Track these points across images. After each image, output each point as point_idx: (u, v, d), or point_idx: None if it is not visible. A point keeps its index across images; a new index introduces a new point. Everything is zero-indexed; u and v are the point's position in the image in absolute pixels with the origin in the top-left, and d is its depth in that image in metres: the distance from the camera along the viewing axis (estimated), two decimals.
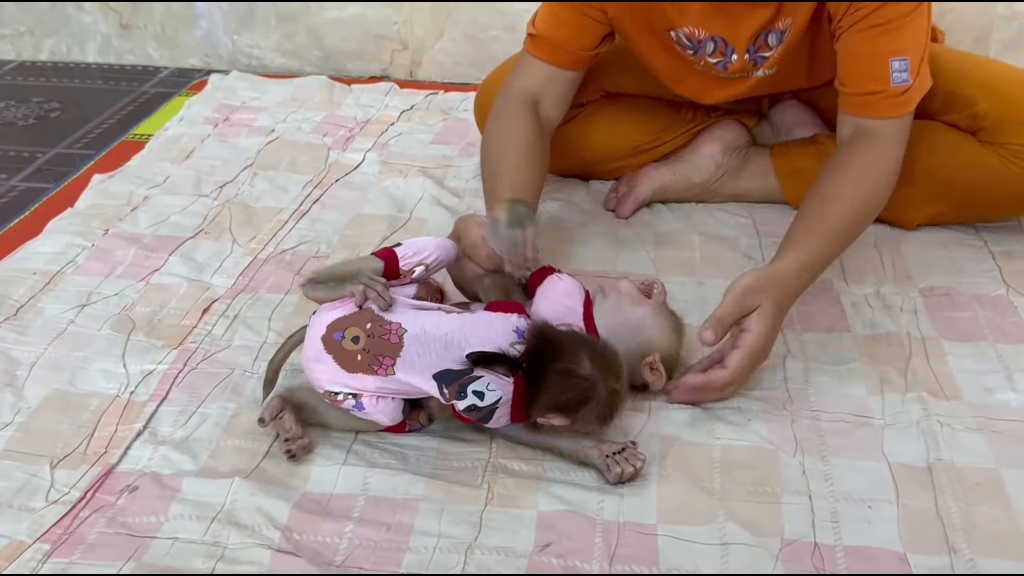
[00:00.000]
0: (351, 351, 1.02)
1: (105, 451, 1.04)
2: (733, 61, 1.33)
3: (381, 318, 1.04)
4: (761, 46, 1.31)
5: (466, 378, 0.99)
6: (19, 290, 1.31)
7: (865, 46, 1.22)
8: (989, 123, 1.33)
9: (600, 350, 1.01)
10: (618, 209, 1.52)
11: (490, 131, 1.37)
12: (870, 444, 1.04)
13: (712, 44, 1.31)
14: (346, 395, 1.03)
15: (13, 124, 1.92)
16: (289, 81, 2.03)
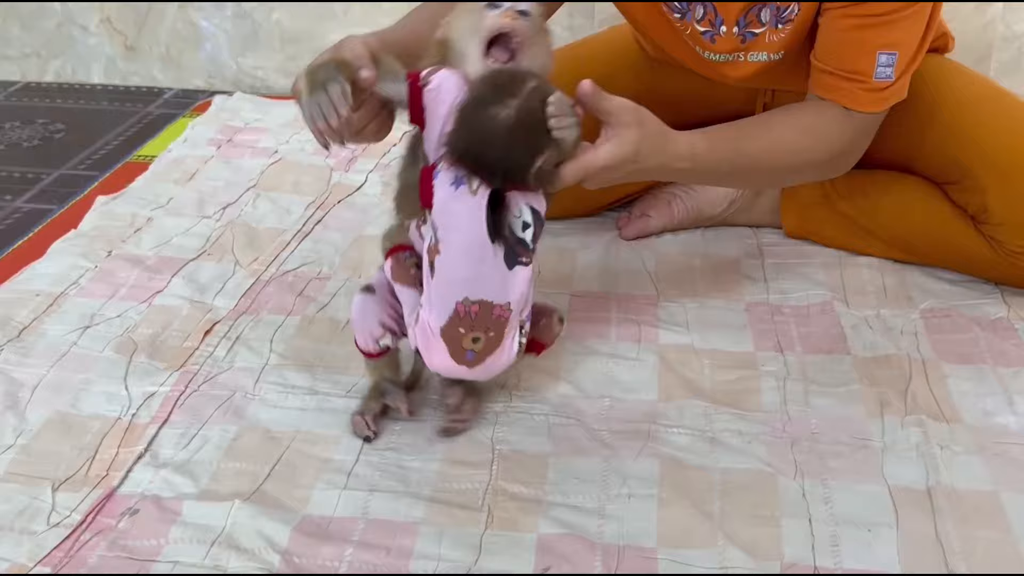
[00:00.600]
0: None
1: (107, 474, 1.04)
2: (722, 34, 1.24)
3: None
4: (752, 20, 1.22)
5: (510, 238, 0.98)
6: (22, 311, 1.31)
7: (855, 32, 1.16)
8: (995, 221, 1.29)
9: (490, 86, 0.95)
10: (624, 230, 1.53)
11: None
12: (870, 467, 1.04)
13: (702, 9, 1.24)
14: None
15: (18, 145, 1.93)
16: (292, 103, 2.03)
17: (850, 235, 1.43)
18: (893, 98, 1.20)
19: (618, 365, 1.21)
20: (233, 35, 2.15)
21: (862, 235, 1.42)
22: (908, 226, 1.38)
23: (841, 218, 1.43)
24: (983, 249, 1.32)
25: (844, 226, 1.43)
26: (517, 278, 1.01)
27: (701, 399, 1.14)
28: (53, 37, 2.22)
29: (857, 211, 1.41)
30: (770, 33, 1.24)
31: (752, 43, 1.25)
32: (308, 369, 1.21)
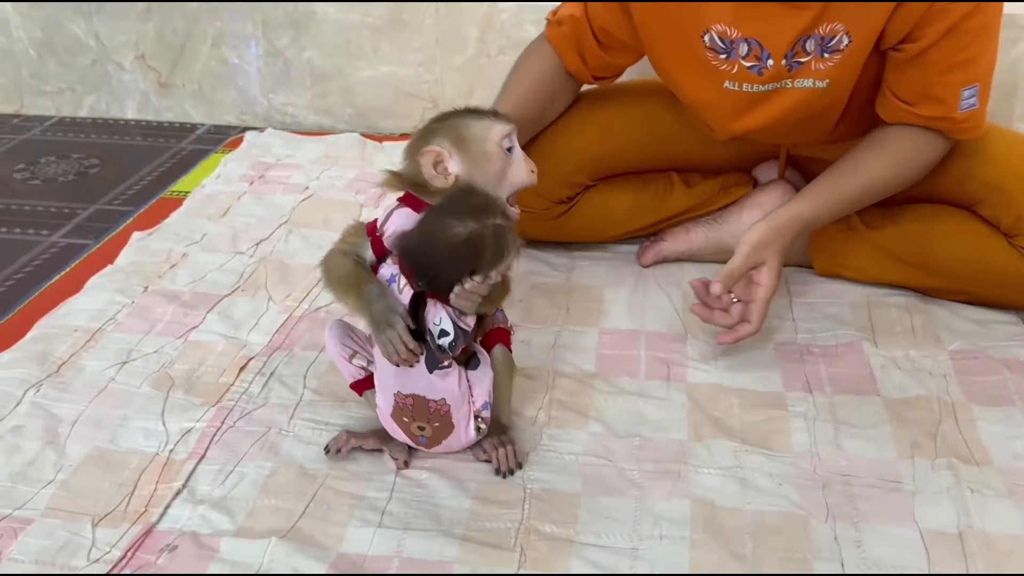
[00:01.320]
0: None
1: (145, 510, 1.06)
2: (768, 66, 1.29)
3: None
4: (799, 51, 1.28)
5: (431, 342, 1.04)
6: (61, 347, 1.34)
7: (940, 76, 1.26)
8: None
9: (450, 205, 1.02)
10: (641, 256, 1.54)
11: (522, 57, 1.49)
12: (901, 510, 1.04)
13: (746, 46, 1.29)
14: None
15: (54, 180, 1.97)
16: (322, 139, 2.07)
17: (879, 265, 1.44)
18: (982, 119, 1.32)
19: (647, 404, 1.22)
20: (265, 72, 2.19)
21: (892, 263, 1.43)
22: (939, 247, 1.39)
23: (870, 248, 1.44)
24: (1017, 264, 1.34)
25: (873, 256, 1.44)
26: (447, 379, 1.07)
27: (730, 439, 1.15)
28: (88, 73, 2.26)
29: (886, 238, 1.43)
30: (815, 62, 1.28)
31: (798, 71, 1.30)
32: (341, 406, 1.23)
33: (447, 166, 1.06)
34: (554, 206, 1.51)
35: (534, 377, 1.28)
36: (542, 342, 1.36)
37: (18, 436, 1.17)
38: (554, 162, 1.46)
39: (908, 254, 1.41)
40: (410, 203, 1.08)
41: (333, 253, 1.10)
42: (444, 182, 1.05)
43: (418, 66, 2.12)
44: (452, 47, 2.10)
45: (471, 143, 1.06)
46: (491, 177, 1.07)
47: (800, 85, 1.32)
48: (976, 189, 1.36)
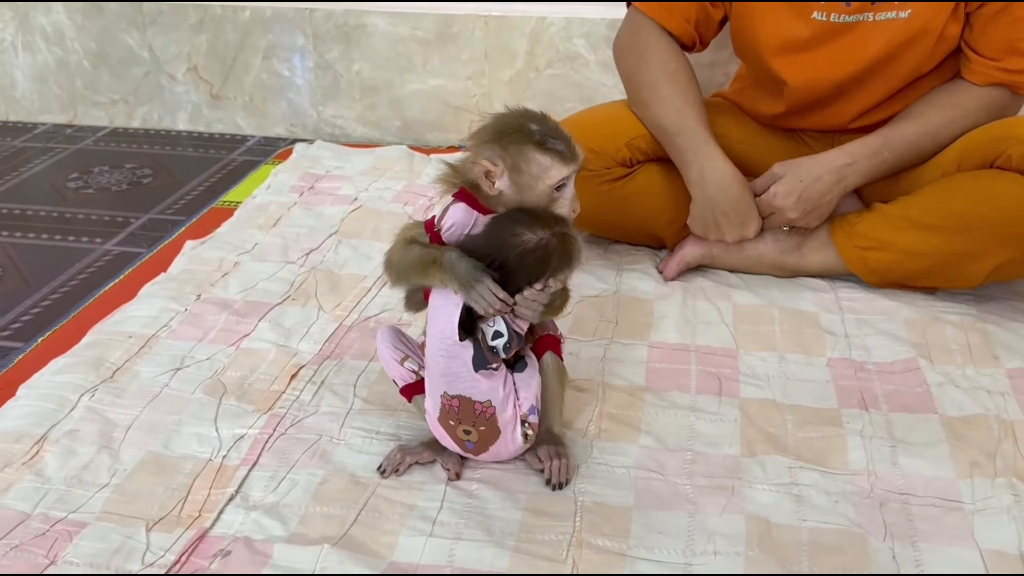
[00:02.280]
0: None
1: (199, 515, 1.07)
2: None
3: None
4: None
5: (483, 342, 1.05)
6: (116, 353, 1.36)
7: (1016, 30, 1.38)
8: None
9: (519, 217, 1.04)
10: (665, 271, 1.54)
11: (638, 43, 1.53)
12: (961, 530, 1.02)
13: None
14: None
15: (107, 189, 2.00)
16: (371, 151, 2.09)
17: (901, 232, 1.43)
18: None
19: (699, 419, 1.21)
20: (314, 85, 2.21)
21: (913, 229, 1.41)
22: (958, 198, 1.38)
23: (889, 220, 1.44)
24: None
25: (893, 225, 1.44)
26: (492, 379, 1.07)
27: (785, 455, 1.14)
28: (141, 84, 2.30)
29: (906, 207, 1.44)
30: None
31: (881, 5, 1.39)
32: (391, 415, 1.23)
33: (495, 181, 1.06)
34: (615, 167, 1.52)
35: (584, 389, 1.27)
36: (591, 354, 1.35)
37: (73, 440, 1.18)
38: (624, 122, 1.53)
39: (929, 215, 1.41)
40: (466, 199, 1.08)
41: (396, 245, 1.10)
42: (489, 192, 1.06)
43: (467, 79, 2.13)
44: (501, 60, 2.11)
45: (525, 175, 1.05)
46: (534, 199, 1.06)
47: (882, 17, 1.40)
48: (987, 150, 1.38)
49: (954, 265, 1.41)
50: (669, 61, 1.51)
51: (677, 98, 1.49)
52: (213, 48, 2.22)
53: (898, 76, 1.46)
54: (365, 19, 2.13)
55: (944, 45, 1.43)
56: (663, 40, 1.52)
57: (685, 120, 1.48)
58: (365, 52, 2.15)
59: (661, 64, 1.51)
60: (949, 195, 1.40)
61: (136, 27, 2.24)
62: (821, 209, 1.47)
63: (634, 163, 1.54)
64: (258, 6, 2.17)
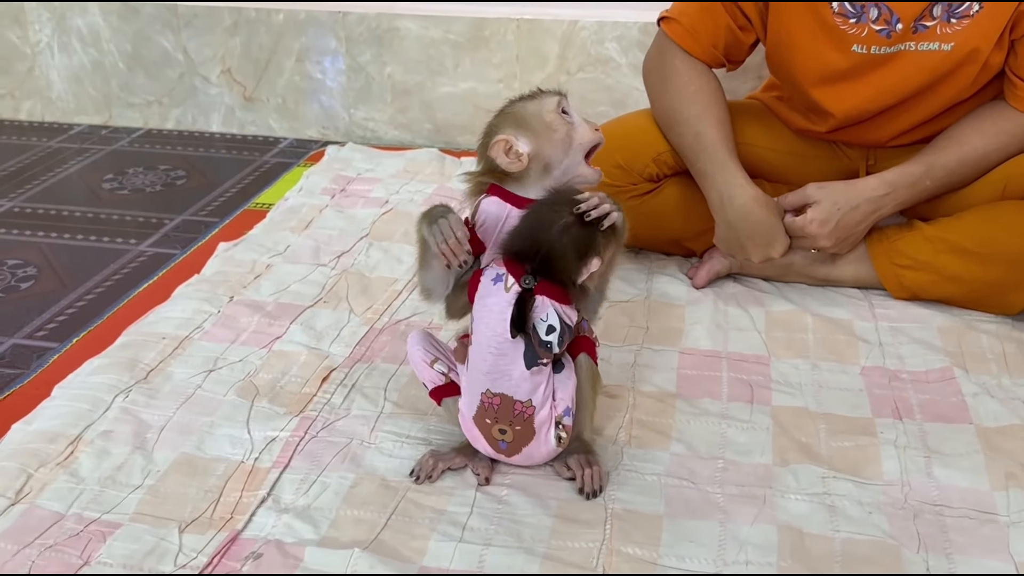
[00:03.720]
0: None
1: (231, 517, 1.08)
2: (898, 30, 1.36)
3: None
4: (926, 16, 1.35)
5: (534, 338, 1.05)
6: (149, 354, 1.37)
7: None
8: None
9: (553, 197, 1.07)
10: (694, 279, 1.53)
11: (665, 65, 1.51)
12: (996, 542, 1.01)
13: (876, 11, 1.36)
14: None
15: (142, 190, 2.02)
16: (401, 153, 2.09)
17: (938, 253, 1.42)
18: None
19: (731, 426, 1.21)
20: (347, 88, 2.22)
21: (950, 252, 1.41)
22: (998, 228, 1.38)
23: (927, 240, 1.43)
24: None
25: (931, 246, 1.43)
26: (537, 377, 1.07)
27: (818, 464, 1.13)
28: (176, 86, 2.32)
29: (945, 229, 1.42)
30: (941, 26, 1.36)
31: (923, 34, 1.37)
32: (422, 419, 1.23)
33: (517, 149, 1.09)
34: (642, 182, 1.52)
35: (614, 396, 1.27)
36: (621, 360, 1.35)
37: (107, 441, 1.19)
38: (650, 135, 1.52)
39: (967, 241, 1.40)
40: (497, 193, 1.11)
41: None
42: (520, 164, 1.09)
43: (498, 82, 2.14)
44: (532, 64, 2.10)
45: (531, 120, 1.10)
46: (559, 144, 1.10)
47: (924, 48, 1.38)
48: None
49: (990, 294, 1.40)
50: (691, 83, 1.48)
51: (697, 120, 1.45)
52: (247, 51, 2.24)
53: (940, 101, 1.43)
54: (397, 22, 2.14)
55: (988, 73, 1.40)
56: (687, 63, 1.49)
57: (705, 143, 1.45)
58: (397, 55, 2.16)
59: (683, 86, 1.48)
60: (991, 223, 1.39)
61: (171, 29, 2.26)
62: (854, 238, 1.46)
63: (661, 178, 1.54)
64: (292, 9, 2.18)
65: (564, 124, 1.11)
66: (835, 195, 1.42)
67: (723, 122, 1.47)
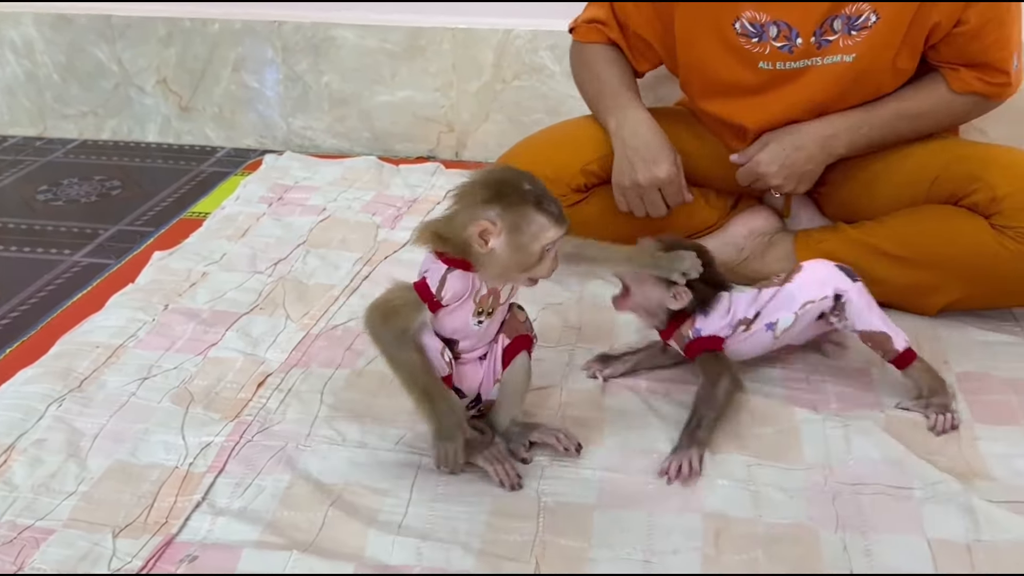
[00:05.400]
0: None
1: (165, 521, 1.08)
2: (798, 44, 1.42)
3: None
4: (827, 30, 1.41)
5: None
6: (83, 363, 1.36)
7: (997, 50, 1.43)
8: (1007, 206, 1.37)
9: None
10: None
11: (577, 63, 1.64)
12: (909, 520, 1.05)
13: (775, 28, 1.42)
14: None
15: (76, 201, 2.01)
16: (340, 162, 2.10)
17: (862, 257, 1.45)
18: (1021, 81, 1.50)
19: (660, 419, 1.24)
20: (284, 97, 2.23)
21: (874, 255, 1.45)
22: (922, 235, 1.43)
23: (853, 243, 1.48)
24: (992, 242, 1.37)
25: (856, 250, 1.47)
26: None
27: (743, 452, 1.17)
28: (111, 97, 2.31)
29: (870, 234, 1.47)
30: (843, 39, 1.41)
31: (827, 48, 1.43)
32: (357, 421, 1.25)
33: (490, 240, 1.06)
34: (570, 192, 1.55)
35: (549, 395, 1.29)
36: (556, 360, 1.38)
37: (41, 449, 1.19)
38: (575, 148, 1.56)
39: (893, 246, 1.45)
40: (457, 264, 1.09)
41: (389, 321, 1.09)
42: (481, 249, 1.07)
43: (435, 91, 2.16)
44: (468, 72, 2.13)
45: (522, 235, 1.06)
46: (517, 265, 1.08)
47: (829, 61, 1.43)
48: (964, 183, 1.42)
49: (911, 296, 1.45)
50: (608, 52, 1.60)
51: (607, 74, 1.57)
52: (182, 61, 2.24)
53: (853, 104, 1.49)
54: (333, 32, 2.15)
55: (900, 77, 1.47)
56: (597, 48, 1.61)
57: (612, 86, 1.56)
58: (334, 64, 2.17)
59: (598, 56, 1.60)
60: (915, 228, 1.44)
61: (105, 40, 2.26)
62: (807, 175, 1.51)
63: (588, 187, 1.57)
64: (227, 19, 2.19)
65: (537, 258, 1.08)
66: (782, 137, 1.49)
67: (626, 73, 1.59)
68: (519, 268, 1.08)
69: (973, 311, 1.47)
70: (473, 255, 1.08)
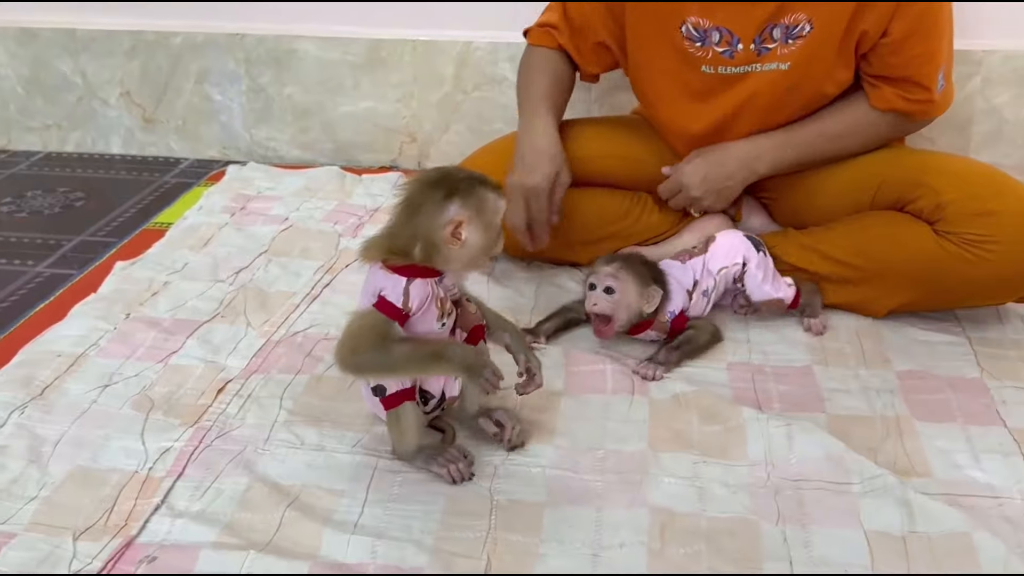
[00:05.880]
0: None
1: (125, 524, 1.10)
2: (739, 50, 1.47)
3: None
4: (766, 38, 1.46)
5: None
6: (44, 371, 1.38)
7: (919, 67, 1.46)
8: (950, 213, 1.41)
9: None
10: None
11: (522, 64, 1.68)
12: (847, 513, 1.09)
13: (718, 34, 1.48)
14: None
15: (40, 213, 2.02)
16: (303, 172, 2.13)
17: (808, 259, 1.52)
18: (950, 98, 1.54)
19: (612, 418, 1.27)
20: (247, 108, 2.25)
21: (821, 259, 1.51)
22: (868, 240, 1.48)
23: (801, 246, 1.54)
24: (935, 247, 1.41)
25: (804, 253, 1.53)
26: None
27: (689, 451, 1.20)
28: (74, 110, 2.32)
29: (818, 240, 1.53)
30: (780, 47, 1.47)
31: (766, 56, 1.48)
32: (316, 425, 1.27)
33: (463, 232, 1.10)
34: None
35: (506, 397, 1.32)
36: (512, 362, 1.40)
37: (2, 455, 1.21)
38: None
39: (840, 252, 1.50)
40: (416, 273, 1.12)
41: (365, 342, 1.10)
42: (453, 246, 1.11)
43: (396, 102, 2.19)
44: (429, 83, 2.16)
45: (486, 215, 1.11)
46: (485, 247, 1.13)
47: (767, 68, 1.49)
48: (910, 189, 1.46)
49: (859, 299, 1.50)
50: (548, 60, 1.64)
51: (537, 82, 1.62)
52: (145, 73, 2.25)
53: (794, 114, 1.54)
54: (296, 44, 2.18)
55: (835, 87, 1.51)
56: (540, 51, 1.66)
57: (534, 94, 1.60)
58: (296, 76, 2.20)
59: (539, 62, 1.65)
60: (861, 235, 1.49)
61: (69, 53, 2.27)
62: (726, 191, 1.56)
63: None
64: (190, 32, 2.21)
65: (498, 231, 1.14)
66: (708, 154, 1.56)
67: (554, 84, 1.62)
68: (487, 250, 1.13)
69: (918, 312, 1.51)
70: (440, 256, 1.11)
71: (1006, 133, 2.01)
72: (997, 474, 1.16)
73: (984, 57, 1.96)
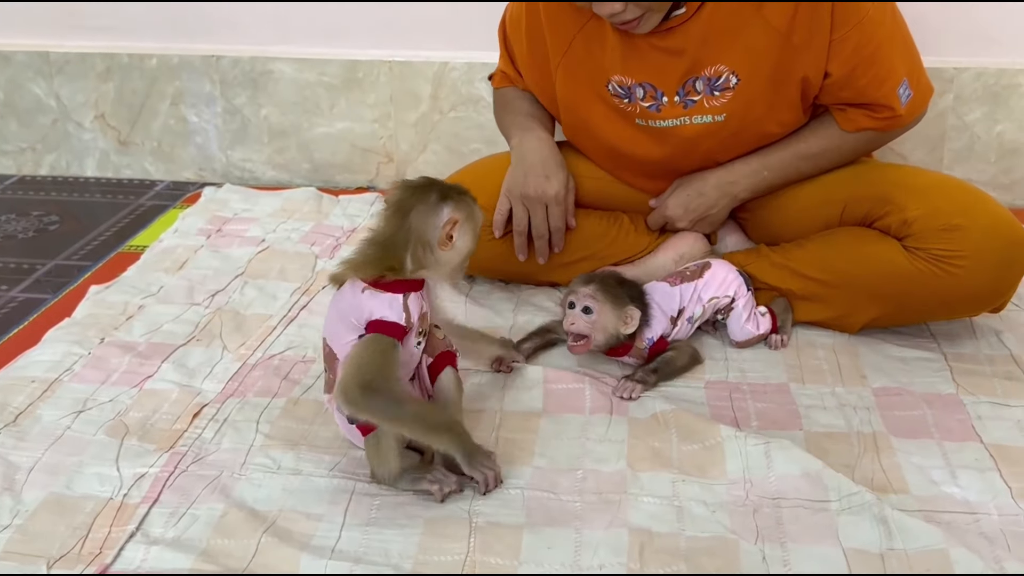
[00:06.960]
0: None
1: (100, 552, 1.09)
2: (664, 103, 1.49)
3: None
4: (690, 90, 1.47)
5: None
6: (18, 397, 1.37)
7: (874, 90, 1.45)
8: (917, 229, 1.41)
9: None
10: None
11: (498, 100, 1.73)
12: (826, 531, 1.09)
13: (641, 90, 1.49)
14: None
15: (13, 237, 2.00)
16: (279, 193, 2.12)
17: (783, 278, 1.53)
18: (925, 101, 1.52)
19: (590, 438, 1.27)
20: (223, 130, 2.24)
21: (794, 277, 1.52)
22: (839, 257, 1.49)
23: (774, 265, 1.55)
24: (904, 263, 1.42)
25: (777, 272, 1.54)
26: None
27: (668, 469, 1.20)
28: (49, 133, 2.31)
29: (790, 259, 1.54)
30: (707, 99, 1.48)
31: (693, 108, 1.49)
32: (293, 448, 1.26)
33: (455, 234, 1.14)
34: (503, 220, 1.60)
35: (484, 417, 1.32)
36: (493, 383, 1.40)
37: None
38: (499, 177, 1.60)
39: (811, 269, 1.51)
40: (408, 287, 1.14)
41: (382, 398, 1.10)
42: (443, 249, 1.14)
43: (373, 122, 2.19)
44: (406, 104, 2.17)
45: (472, 222, 1.17)
46: (467, 255, 1.18)
47: (699, 121, 1.50)
48: (877, 205, 1.47)
49: (832, 315, 1.51)
50: (517, 94, 1.70)
51: (519, 105, 1.67)
52: (120, 95, 2.25)
53: (744, 151, 1.55)
54: (271, 65, 2.18)
55: (781, 128, 1.52)
56: (512, 90, 1.71)
57: (521, 113, 1.65)
58: (272, 97, 2.20)
59: (512, 94, 1.70)
60: (831, 252, 1.50)
61: (43, 76, 2.26)
62: (711, 218, 1.60)
63: None
64: (165, 54, 2.20)
65: (477, 240, 1.19)
66: (688, 184, 1.59)
67: (537, 107, 1.67)
68: (467, 258, 1.17)
69: (892, 328, 1.52)
70: (432, 259, 1.13)
71: (978, 150, 2.04)
72: (973, 490, 1.16)
73: (956, 75, 1.98)
